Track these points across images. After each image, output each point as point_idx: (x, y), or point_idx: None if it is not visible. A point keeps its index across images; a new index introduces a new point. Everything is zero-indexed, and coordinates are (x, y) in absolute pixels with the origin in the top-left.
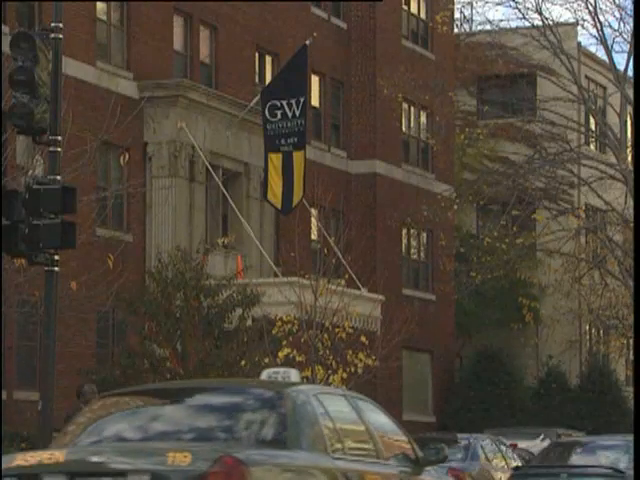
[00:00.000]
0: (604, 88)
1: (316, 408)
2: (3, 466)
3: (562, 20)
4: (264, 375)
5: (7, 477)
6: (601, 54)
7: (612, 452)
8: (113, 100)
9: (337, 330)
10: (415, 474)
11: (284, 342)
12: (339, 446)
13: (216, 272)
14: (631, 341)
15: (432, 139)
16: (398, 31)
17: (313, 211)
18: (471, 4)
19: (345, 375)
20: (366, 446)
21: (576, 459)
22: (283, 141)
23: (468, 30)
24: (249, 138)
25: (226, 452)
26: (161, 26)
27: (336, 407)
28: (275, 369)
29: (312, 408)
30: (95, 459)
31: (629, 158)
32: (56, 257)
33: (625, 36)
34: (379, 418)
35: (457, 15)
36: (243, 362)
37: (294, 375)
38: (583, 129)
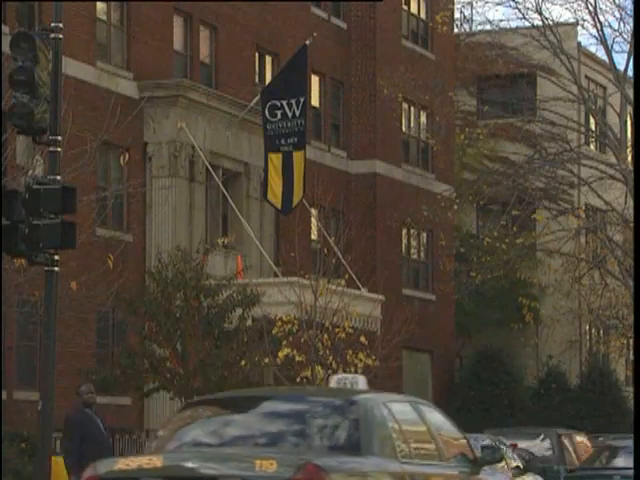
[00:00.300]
0: (604, 88)
1: (385, 414)
2: (105, 469)
3: (562, 20)
4: (333, 381)
5: None
6: (601, 54)
7: None
8: (113, 100)
9: (337, 330)
10: (473, 474)
11: (284, 342)
12: (406, 450)
13: (216, 272)
14: (631, 341)
15: (432, 139)
16: (398, 31)
17: (313, 211)
18: (471, 4)
19: None
20: (429, 448)
21: (624, 462)
22: (283, 141)
23: (468, 30)
24: (249, 138)
25: (308, 460)
26: (161, 26)
27: (401, 412)
28: (344, 375)
29: (382, 415)
30: (189, 465)
31: (629, 158)
32: (56, 257)
33: (625, 36)
34: (439, 421)
35: (457, 15)
36: (243, 362)
37: (362, 382)
38: (583, 129)
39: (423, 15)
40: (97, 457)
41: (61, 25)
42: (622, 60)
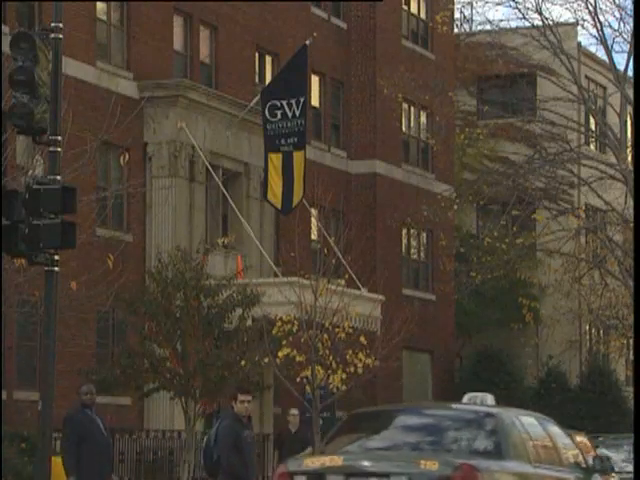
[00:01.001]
0: (604, 88)
1: (518, 425)
2: (295, 467)
3: (562, 20)
4: (465, 398)
5: (298, 475)
6: (601, 54)
7: None
8: (113, 100)
9: (337, 330)
10: None
11: (284, 342)
12: (536, 456)
13: (216, 272)
14: (631, 341)
15: (432, 139)
16: (398, 31)
17: (313, 211)
18: (471, 4)
19: (345, 375)
20: (552, 455)
21: None
22: (283, 141)
23: (468, 30)
24: (249, 138)
25: (464, 461)
26: (161, 26)
27: (529, 424)
28: (474, 394)
29: (516, 425)
30: (365, 463)
31: (629, 158)
32: (56, 257)
33: (625, 36)
34: (557, 432)
35: (457, 15)
36: (243, 362)
37: (490, 399)
38: (583, 129)
39: (423, 15)
40: (96, 457)
41: (61, 25)
42: (622, 60)
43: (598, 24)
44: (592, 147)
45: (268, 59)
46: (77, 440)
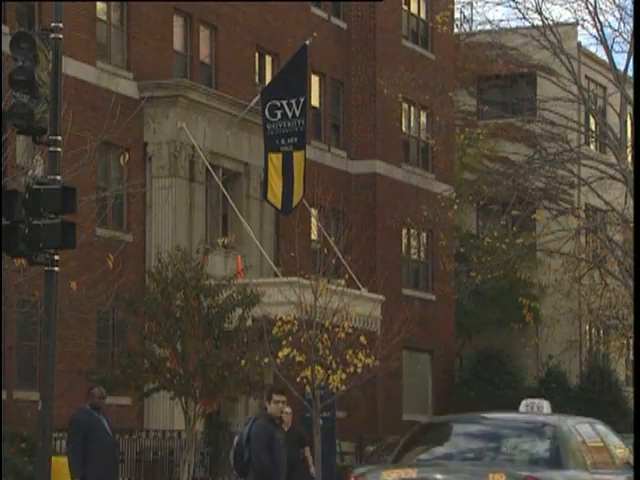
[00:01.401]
0: (604, 88)
1: (574, 433)
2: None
3: (562, 20)
4: (522, 405)
5: None
6: (601, 54)
7: None
8: (113, 100)
9: (337, 330)
10: None
11: (284, 342)
12: (592, 461)
13: (216, 272)
14: (631, 341)
15: (432, 139)
16: (398, 31)
17: (313, 211)
18: (471, 4)
19: (345, 375)
20: (605, 458)
21: None
22: (283, 141)
23: (468, 30)
24: (249, 138)
25: (528, 473)
26: (161, 26)
27: (584, 431)
28: (531, 400)
29: (573, 434)
30: (438, 476)
31: (629, 158)
32: (56, 257)
33: (625, 36)
34: (609, 435)
35: (457, 15)
36: (243, 362)
37: (546, 406)
38: (583, 129)
39: (423, 15)
40: (102, 458)
41: (61, 25)
42: (622, 60)
43: (598, 24)
44: (592, 147)
45: (268, 59)
46: (83, 441)
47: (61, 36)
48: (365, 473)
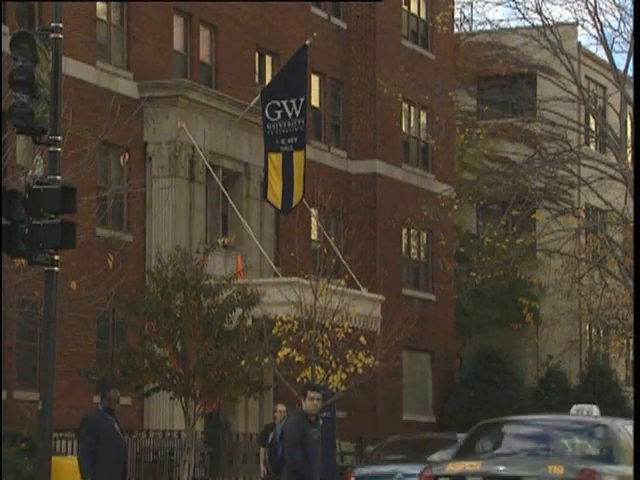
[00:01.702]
0: (604, 88)
1: (624, 432)
2: (439, 471)
3: (562, 20)
4: (573, 409)
5: (442, 478)
6: (601, 54)
7: None
8: (113, 100)
9: (337, 330)
10: None
11: (284, 342)
12: None
13: (216, 272)
14: (631, 341)
15: (432, 139)
16: (398, 31)
17: (313, 211)
18: (471, 4)
19: (345, 375)
20: None
21: None
22: (283, 141)
23: (468, 30)
24: (249, 138)
25: (586, 466)
26: (161, 26)
27: (632, 430)
28: (581, 405)
29: (623, 433)
30: (500, 467)
31: (629, 158)
32: (56, 257)
33: (625, 36)
34: None
35: (457, 15)
36: (243, 362)
37: (595, 410)
38: (583, 129)
39: (423, 15)
40: (112, 459)
41: (61, 25)
42: (622, 60)
43: (598, 24)
44: (592, 147)
45: (268, 59)
46: (94, 442)
47: (61, 36)
48: (433, 466)
